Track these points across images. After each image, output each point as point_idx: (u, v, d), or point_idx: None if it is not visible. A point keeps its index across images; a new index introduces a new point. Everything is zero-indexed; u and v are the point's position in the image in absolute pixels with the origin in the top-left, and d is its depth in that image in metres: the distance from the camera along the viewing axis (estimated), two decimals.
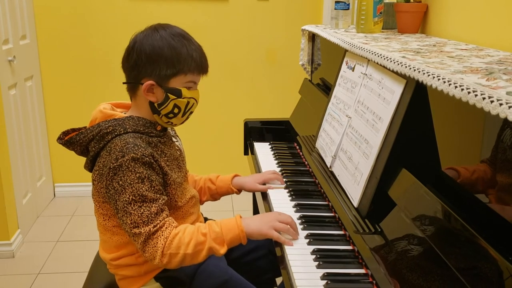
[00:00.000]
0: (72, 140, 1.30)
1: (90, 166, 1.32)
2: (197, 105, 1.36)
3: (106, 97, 3.11)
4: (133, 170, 1.21)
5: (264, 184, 1.60)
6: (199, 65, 1.31)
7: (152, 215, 1.21)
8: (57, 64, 3.13)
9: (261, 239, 1.28)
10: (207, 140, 3.33)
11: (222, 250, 1.23)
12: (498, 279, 0.80)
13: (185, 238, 1.22)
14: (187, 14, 3.12)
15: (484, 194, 0.93)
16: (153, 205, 1.22)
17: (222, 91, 3.28)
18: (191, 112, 1.36)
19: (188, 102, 1.32)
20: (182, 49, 1.28)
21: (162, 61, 1.27)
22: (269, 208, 1.48)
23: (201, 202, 1.60)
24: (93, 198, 1.34)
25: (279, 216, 1.28)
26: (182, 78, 1.29)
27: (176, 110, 1.31)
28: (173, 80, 1.29)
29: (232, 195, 1.62)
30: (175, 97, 1.29)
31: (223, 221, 1.26)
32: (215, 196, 1.61)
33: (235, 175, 1.61)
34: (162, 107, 1.30)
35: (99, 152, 1.28)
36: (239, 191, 1.60)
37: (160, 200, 1.24)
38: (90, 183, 1.32)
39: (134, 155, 1.21)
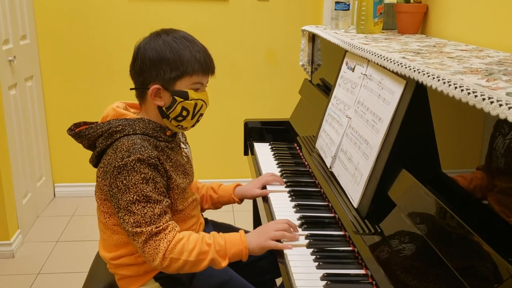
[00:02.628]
0: (81, 133, 1.30)
1: (95, 162, 1.33)
2: (207, 107, 1.36)
3: (106, 97, 3.13)
4: (138, 171, 1.21)
5: (264, 187, 1.60)
6: (203, 65, 1.31)
7: (155, 216, 1.21)
8: (57, 64, 3.13)
9: (263, 252, 1.28)
10: (207, 140, 3.33)
11: (224, 263, 1.24)
12: (498, 280, 0.80)
13: (189, 245, 1.22)
14: (188, 14, 3.12)
15: (484, 194, 0.93)
16: (156, 207, 1.22)
17: (222, 91, 3.27)
18: (201, 114, 1.36)
19: (196, 104, 1.32)
20: (185, 51, 1.28)
21: (165, 64, 1.27)
22: (269, 209, 1.49)
23: (203, 210, 1.61)
24: (95, 195, 1.34)
25: (275, 225, 1.28)
26: (188, 79, 1.29)
27: (184, 113, 1.31)
28: (179, 83, 1.29)
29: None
30: (182, 100, 1.29)
31: (227, 235, 1.27)
32: (216, 204, 1.62)
33: (237, 185, 1.62)
34: (170, 110, 1.30)
35: (105, 149, 1.28)
36: (240, 200, 1.61)
37: (163, 202, 1.24)
38: (90, 183, 1.33)
39: (140, 155, 1.21)
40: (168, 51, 1.27)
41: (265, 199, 1.55)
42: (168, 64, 1.27)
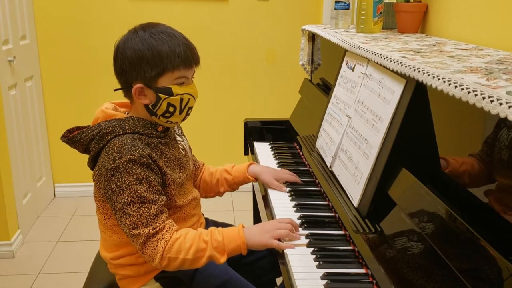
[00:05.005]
0: (74, 139, 1.30)
1: (92, 165, 1.32)
2: (196, 99, 1.33)
3: (106, 97, 3.12)
4: (130, 172, 1.21)
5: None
6: (184, 59, 1.27)
7: (151, 217, 1.21)
8: (57, 64, 3.13)
9: (263, 249, 1.27)
10: (207, 140, 3.33)
11: (222, 259, 1.23)
12: (499, 279, 0.80)
13: (186, 243, 1.21)
14: (187, 14, 3.12)
15: (484, 193, 0.93)
16: (152, 207, 1.22)
17: (222, 91, 3.28)
18: (190, 108, 1.33)
19: (182, 99, 1.29)
20: (163, 47, 1.25)
21: (144, 63, 1.24)
22: (269, 208, 1.48)
23: (220, 194, 1.60)
24: (94, 197, 1.34)
25: (278, 224, 1.27)
26: (170, 75, 1.27)
27: (171, 109, 1.29)
28: (161, 80, 1.27)
29: (232, 194, 1.61)
30: (167, 96, 1.27)
31: (225, 230, 1.26)
32: (232, 186, 1.60)
33: (251, 163, 1.61)
34: (156, 108, 1.28)
35: (99, 152, 1.28)
36: (256, 179, 1.59)
37: (159, 201, 1.24)
38: (90, 183, 1.32)
39: (131, 156, 1.21)
40: (146, 49, 1.24)
41: (266, 198, 1.55)
42: (147, 63, 1.24)
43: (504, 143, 0.86)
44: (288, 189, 1.56)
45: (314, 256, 1.18)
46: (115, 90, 1.34)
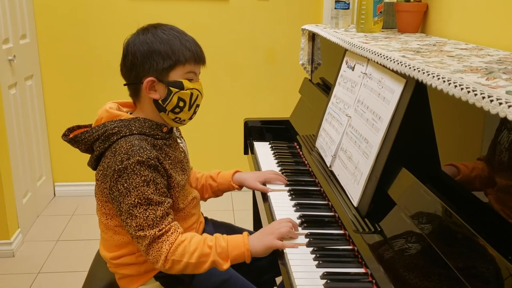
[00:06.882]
0: (77, 138, 1.29)
1: (94, 165, 1.32)
2: (202, 97, 1.35)
3: (106, 96, 3.12)
4: (138, 173, 1.21)
5: (264, 184, 1.60)
6: (195, 54, 1.31)
7: (158, 219, 1.21)
8: (57, 64, 3.13)
9: (269, 253, 1.26)
10: (207, 140, 3.33)
11: (225, 266, 1.23)
12: (498, 279, 0.80)
13: (191, 247, 1.22)
14: (187, 14, 3.12)
15: (483, 193, 0.93)
16: (158, 208, 1.22)
17: (222, 91, 3.27)
18: (198, 105, 1.35)
19: (192, 94, 1.31)
20: (175, 41, 1.28)
21: (157, 55, 1.26)
22: (269, 208, 1.49)
23: (204, 199, 1.60)
24: (95, 196, 1.33)
25: (278, 224, 1.28)
26: (181, 69, 1.29)
27: (181, 104, 1.30)
28: (173, 73, 1.28)
29: (232, 194, 1.62)
30: (178, 90, 1.29)
31: (230, 237, 1.26)
32: (217, 193, 1.61)
33: (236, 171, 1.61)
34: (167, 102, 1.29)
35: (103, 152, 1.28)
36: (240, 187, 1.60)
37: (165, 204, 1.24)
38: (91, 183, 1.32)
39: (139, 158, 1.21)
40: (159, 42, 1.27)
41: (265, 198, 1.55)
42: (160, 55, 1.26)
43: (504, 143, 0.86)
44: (287, 188, 1.57)
45: (314, 255, 1.18)
46: (125, 84, 1.34)
